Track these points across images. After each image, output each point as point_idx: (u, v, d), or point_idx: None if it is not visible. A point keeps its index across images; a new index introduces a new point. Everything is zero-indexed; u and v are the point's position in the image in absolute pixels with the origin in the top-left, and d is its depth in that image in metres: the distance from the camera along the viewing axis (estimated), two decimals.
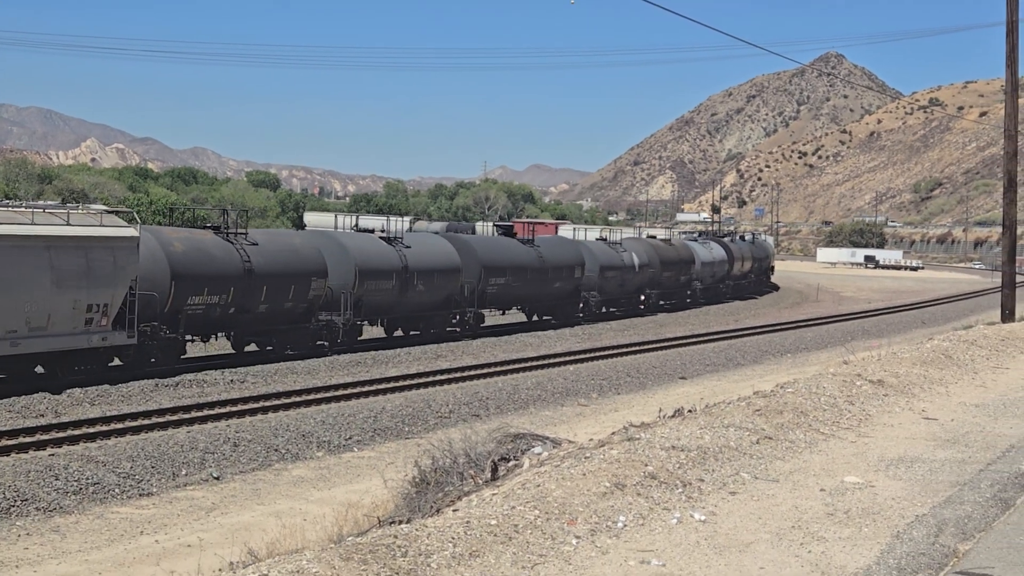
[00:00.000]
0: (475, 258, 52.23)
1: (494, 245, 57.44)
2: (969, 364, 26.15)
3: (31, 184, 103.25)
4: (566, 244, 64.32)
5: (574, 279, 61.02)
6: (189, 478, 23.45)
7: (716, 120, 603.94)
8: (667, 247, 75.94)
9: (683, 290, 78.59)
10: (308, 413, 29.98)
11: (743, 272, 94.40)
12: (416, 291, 47.70)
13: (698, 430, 15.20)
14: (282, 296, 40.34)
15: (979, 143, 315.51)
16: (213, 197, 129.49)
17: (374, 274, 45.15)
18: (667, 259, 73.60)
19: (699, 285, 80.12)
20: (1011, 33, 39.34)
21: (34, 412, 28.66)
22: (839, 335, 57.95)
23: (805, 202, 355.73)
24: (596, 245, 67.36)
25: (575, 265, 60.94)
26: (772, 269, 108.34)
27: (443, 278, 49.48)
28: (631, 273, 67.96)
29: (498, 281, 53.93)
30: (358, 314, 44.56)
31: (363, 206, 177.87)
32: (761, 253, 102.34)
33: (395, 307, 47.55)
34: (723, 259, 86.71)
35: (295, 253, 41.85)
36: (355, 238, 47.52)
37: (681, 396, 33.10)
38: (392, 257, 46.68)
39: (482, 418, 30.70)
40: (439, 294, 49.57)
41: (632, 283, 68.89)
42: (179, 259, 36.14)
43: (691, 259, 78.50)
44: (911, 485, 13.75)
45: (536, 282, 57.17)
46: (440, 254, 50.38)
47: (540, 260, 57.38)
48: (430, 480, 13.74)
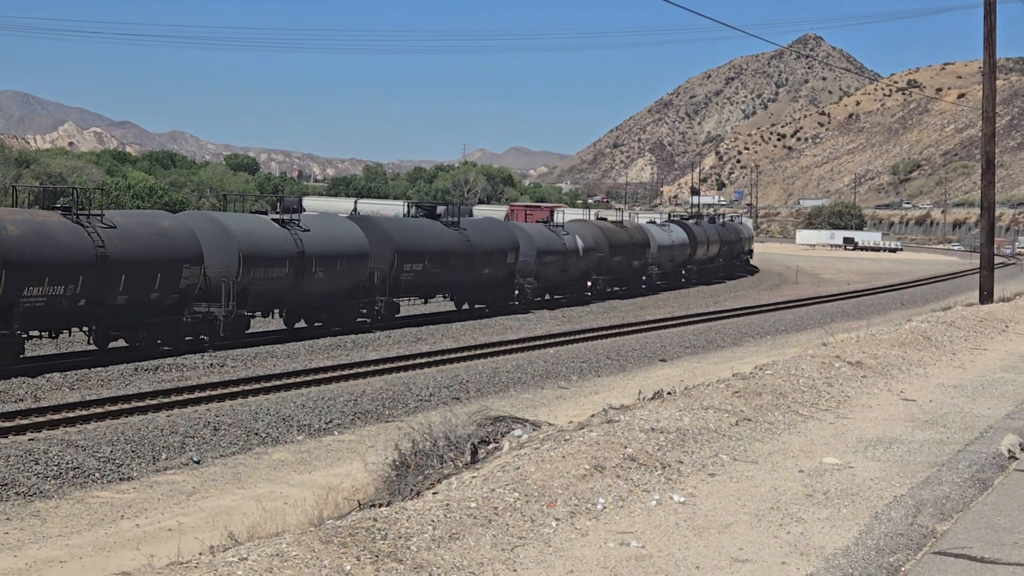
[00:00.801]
0: (387, 242, 47.89)
1: (411, 228, 52.86)
2: (947, 345, 26.25)
3: (8, 168, 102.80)
4: (497, 227, 60.04)
5: (506, 264, 56.68)
6: (169, 462, 23.44)
7: (695, 102, 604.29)
8: (618, 230, 71.78)
9: (637, 276, 74.75)
10: (288, 397, 29.97)
11: (709, 256, 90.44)
12: (315, 279, 43.32)
13: (677, 412, 15.23)
14: (146, 286, 35.95)
15: (957, 125, 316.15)
16: (192, 181, 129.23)
17: (263, 260, 40.63)
18: (617, 243, 69.63)
19: (656, 270, 76.52)
20: (989, 15, 39.42)
21: (13, 397, 28.61)
22: (818, 317, 58.11)
23: (784, 184, 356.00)
24: (533, 228, 63.33)
25: (507, 249, 56.61)
26: (751, 252, 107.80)
27: (348, 264, 45.15)
28: (574, 258, 63.60)
29: (415, 267, 49.59)
30: (243, 305, 40.03)
31: (342, 189, 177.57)
32: (732, 236, 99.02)
33: (290, 296, 43.36)
34: (684, 243, 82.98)
35: (162, 236, 37.24)
36: (240, 219, 42.86)
37: (661, 378, 33.19)
38: (285, 241, 42.23)
39: (462, 401, 30.73)
40: (344, 282, 45.26)
41: (576, 268, 64.49)
42: (12, 244, 31.82)
43: (646, 243, 74.53)
44: (889, 466, 13.80)
45: (462, 268, 52.95)
46: (344, 238, 45.97)
47: (466, 244, 53.17)
48: (410, 463, 13.75)
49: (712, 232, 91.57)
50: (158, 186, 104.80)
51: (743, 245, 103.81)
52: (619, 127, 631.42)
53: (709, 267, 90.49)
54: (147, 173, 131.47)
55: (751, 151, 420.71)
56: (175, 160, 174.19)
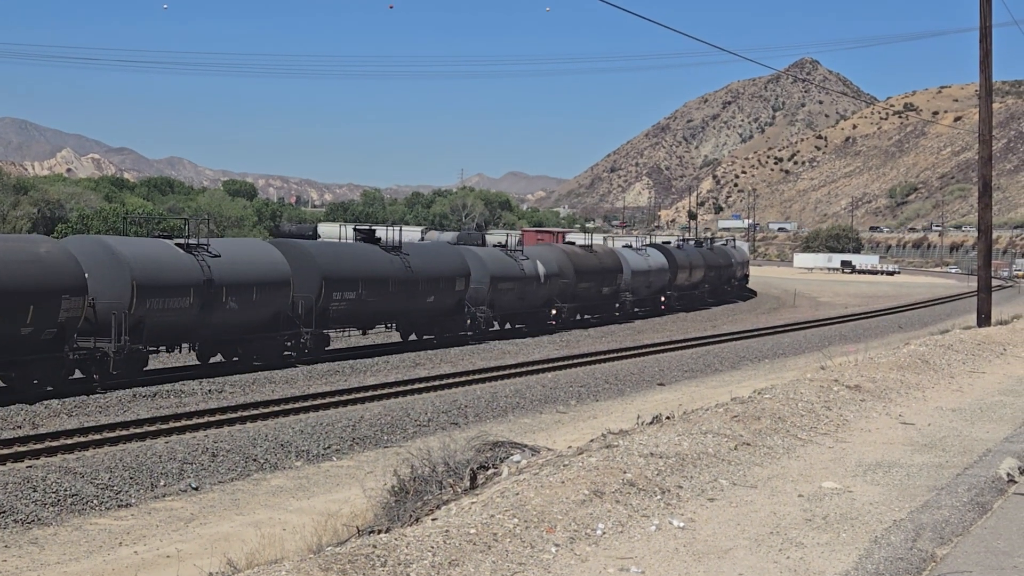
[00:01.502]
0: (313, 268, 43.94)
1: (342, 253, 48.48)
2: (946, 368, 26.24)
3: (7, 195, 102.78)
4: (444, 251, 55.67)
5: (455, 292, 52.80)
6: (168, 488, 23.41)
7: (692, 126, 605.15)
8: (585, 254, 67.70)
9: (609, 303, 71.18)
10: (287, 422, 29.95)
11: (692, 282, 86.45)
12: (227, 309, 39.21)
13: (676, 437, 15.22)
14: (14, 319, 31.80)
15: (954, 148, 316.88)
16: (189, 207, 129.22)
17: (161, 289, 36.50)
18: (584, 268, 65.81)
19: (629, 297, 72.70)
20: (985, 38, 39.51)
21: (11, 424, 28.59)
22: (816, 340, 58.14)
23: (781, 208, 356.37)
24: (488, 253, 58.59)
25: (456, 276, 52.71)
26: (746, 277, 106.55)
27: (266, 293, 41.04)
28: (533, 284, 59.65)
29: (346, 295, 45.43)
30: (138, 339, 35.69)
31: (340, 215, 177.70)
32: (721, 260, 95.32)
33: (198, 329, 39.02)
34: (662, 268, 78.94)
35: (36, 264, 32.88)
36: (134, 244, 38.53)
37: (659, 402, 33.17)
38: (189, 268, 38.00)
39: (461, 426, 30.73)
40: (262, 312, 41.08)
41: (537, 296, 60.50)
42: None
43: (617, 268, 70.66)
44: (889, 490, 13.79)
45: (402, 296, 48.95)
46: (262, 264, 41.79)
47: (407, 270, 49.16)
48: (409, 489, 13.73)
49: (696, 256, 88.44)
50: (156, 212, 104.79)
51: (734, 270, 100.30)
52: (616, 151, 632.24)
53: (693, 293, 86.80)
54: (145, 199, 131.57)
55: (748, 175, 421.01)
56: (173, 186, 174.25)
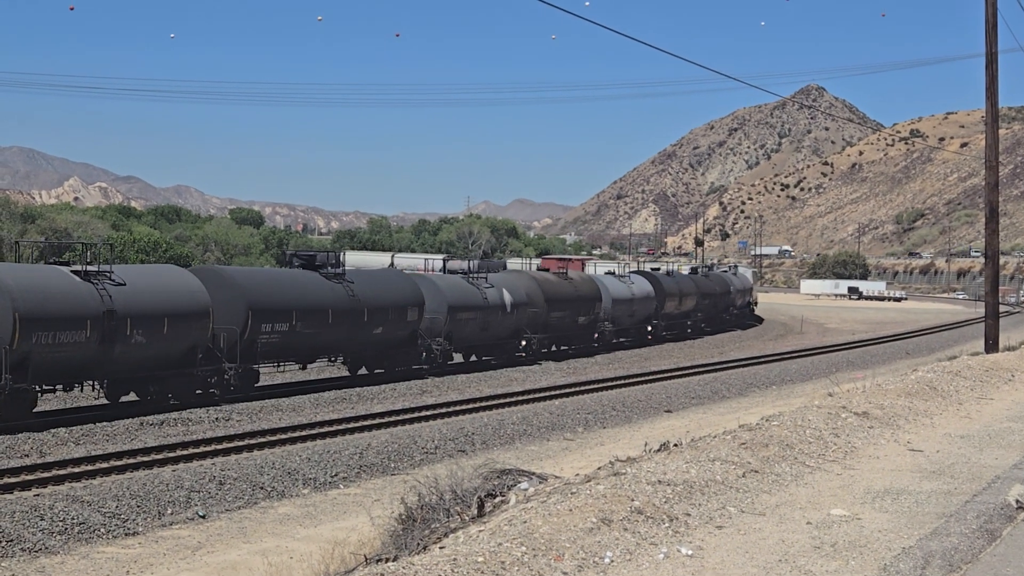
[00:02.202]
0: (238, 297, 39.94)
1: (273, 281, 44.10)
2: (954, 395, 26.19)
3: (14, 224, 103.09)
4: (395, 279, 50.97)
5: (407, 323, 48.71)
6: (175, 517, 23.39)
7: (698, 153, 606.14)
8: (559, 282, 63.98)
9: (587, 333, 67.20)
10: (294, 450, 29.93)
11: (683, 310, 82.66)
12: (132, 343, 34.90)
13: (684, 464, 15.20)
14: None
15: (960, 174, 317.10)
16: (196, 235, 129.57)
17: (50, 321, 32.50)
18: (557, 296, 62.14)
19: (609, 327, 68.71)
20: (991, 64, 39.58)
21: (18, 452, 28.59)
22: (824, 367, 58.06)
23: (788, 234, 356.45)
24: (446, 280, 54.53)
25: (408, 305, 48.68)
26: (749, 304, 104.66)
27: (180, 325, 36.81)
28: (498, 314, 55.88)
29: (279, 327, 41.28)
30: (23, 377, 31.83)
31: (346, 242, 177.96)
32: (717, 287, 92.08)
33: (97, 366, 34.74)
34: (647, 295, 75.12)
35: None
36: (20, 271, 33.98)
37: (667, 429, 33.12)
38: (85, 298, 33.73)
39: (468, 453, 30.68)
40: (175, 346, 36.96)
41: (503, 326, 56.81)
42: None
43: (595, 296, 66.81)
44: (897, 517, 13.76)
45: (346, 327, 44.85)
46: (175, 292, 37.51)
47: (351, 299, 45.15)
48: (416, 517, 13.72)
49: (687, 283, 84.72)
50: (163, 240, 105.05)
51: (733, 297, 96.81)
52: (623, 178, 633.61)
53: (683, 322, 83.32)
54: (152, 227, 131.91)
55: (755, 201, 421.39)
56: (180, 214, 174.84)
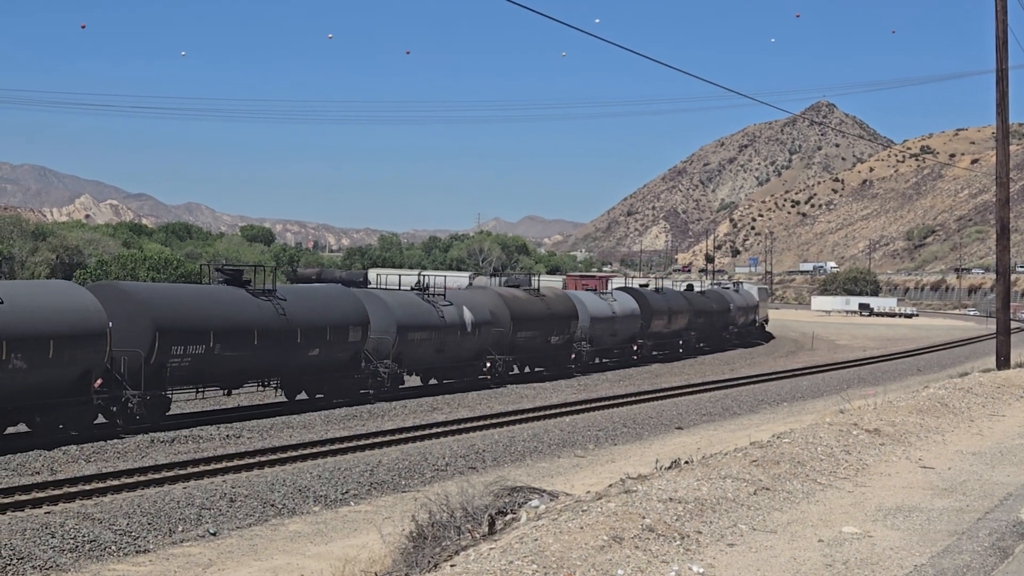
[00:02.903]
0: (142, 317, 35.70)
1: (186, 297, 38.98)
2: (965, 412, 26.14)
3: (26, 241, 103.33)
4: (335, 296, 45.80)
5: (348, 344, 44.26)
6: (186, 534, 23.37)
7: (709, 170, 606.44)
8: (528, 299, 59.41)
9: (561, 354, 62.36)
10: (305, 467, 29.91)
11: (673, 329, 78.16)
12: (9, 369, 30.80)
13: (695, 481, 15.18)
14: None
15: (971, 190, 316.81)
16: (207, 252, 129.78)
17: None
18: (525, 315, 57.63)
19: (587, 347, 64.42)
20: (1001, 81, 39.56)
21: (29, 470, 28.60)
22: (835, 383, 57.96)
23: (799, 250, 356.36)
24: (396, 297, 49.51)
25: (350, 324, 44.29)
26: (755, 321, 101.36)
27: (69, 348, 32.65)
28: (456, 334, 51.13)
29: (192, 350, 37.02)
30: None
31: (357, 259, 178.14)
32: (714, 305, 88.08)
33: None
34: (632, 314, 70.85)
35: None
36: None
37: (678, 446, 33.06)
38: None
39: (479, 471, 30.65)
40: (66, 371, 32.82)
41: (462, 347, 52.01)
42: None
43: (571, 314, 62.31)
44: (909, 535, 13.73)
45: (276, 349, 40.44)
46: (64, 312, 33.11)
47: (281, 319, 40.66)
48: (427, 535, 13.71)
49: (677, 301, 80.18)
50: (174, 258, 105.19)
51: (733, 316, 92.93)
52: (633, 195, 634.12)
53: (674, 341, 79.06)
54: (163, 245, 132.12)
55: (765, 218, 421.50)
56: (191, 232, 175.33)
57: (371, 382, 45.78)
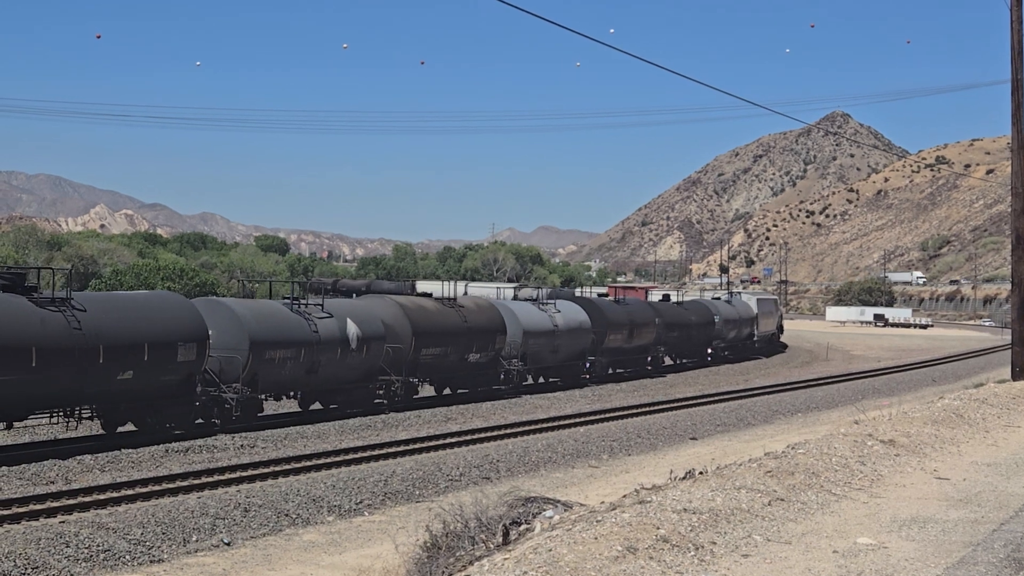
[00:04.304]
0: None
1: None
2: (980, 423, 26.07)
3: (41, 251, 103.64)
4: (158, 306, 36.95)
5: (176, 365, 35.74)
6: (200, 544, 23.40)
7: (723, 180, 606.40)
8: (437, 311, 50.16)
9: (484, 373, 53.02)
10: (318, 477, 29.93)
11: (636, 344, 68.22)
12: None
13: (710, 492, 15.16)
14: None
15: (986, 200, 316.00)
16: (222, 262, 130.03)
17: None
18: (431, 329, 48.49)
19: (519, 365, 54.78)
20: (1017, 91, 39.49)
21: (44, 479, 28.66)
22: (849, 394, 57.88)
23: (813, 261, 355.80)
24: (251, 308, 40.64)
25: (179, 341, 35.77)
26: (756, 334, 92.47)
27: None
28: (336, 351, 42.29)
29: None
30: None
31: (371, 269, 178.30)
32: (692, 317, 77.88)
33: None
34: (579, 326, 60.78)
35: None
36: None
37: (692, 457, 33.03)
38: None
39: (493, 481, 30.64)
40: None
41: (346, 366, 43.19)
42: None
43: (496, 328, 53.28)
44: (924, 546, 13.68)
45: (67, 372, 32.06)
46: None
47: (75, 334, 32.27)
48: (441, 545, 13.71)
49: (642, 312, 70.10)
50: (188, 267, 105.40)
51: (720, 329, 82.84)
52: (647, 205, 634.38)
53: (639, 358, 69.85)
54: (178, 255, 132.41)
55: (780, 228, 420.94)
56: (206, 241, 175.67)
57: (216, 412, 37.72)
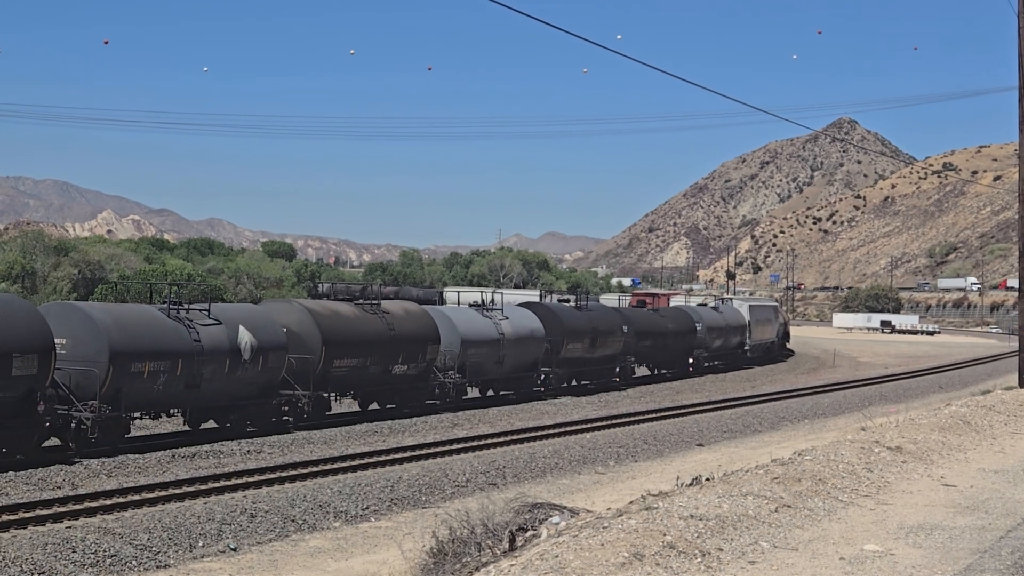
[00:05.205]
0: None
1: None
2: (987, 429, 26.06)
3: (48, 256, 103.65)
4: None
5: (12, 381, 30.25)
6: (206, 549, 23.40)
7: (730, 186, 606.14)
8: (356, 317, 44.72)
9: (415, 387, 47.15)
10: (325, 483, 29.91)
11: (600, 355, 61.73)
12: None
13: (716, 498, 15.15)
14: None
15: (994, 207, 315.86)
16: (229, 267, 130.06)
17: None
18: (347, 338, 43.11)
19: (455, 377, 48.80)
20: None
21: (51, 484, 28.67)
22: (856, 400, 57.80)
23: (820, 267, 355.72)
24: (115, 314, 34.82)
25: (14, 353, 30.16)
26: (747, 342, 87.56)
27: None
28: (224, 363, 37.04)
29: None
30: None
31: (378, 275, 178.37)
32: (672, 325, 72.77)
33: None
34: (531, 335, 54.62)
35: None
36: None
37: (698, 463, 33.00)
38: None
39: (499, 487, 30.62)
40: None
41: (236, 380, 37.80)
42: None
43: (428, 337, 47.41)
44: (931, 553, 13.67)
45: None
46: None
47: None
48: (448, 551, 13.71)
49: (607, 319, 63.44)
50: (195, 273, 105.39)
51: (703, 338, 77.15)
52: (654, 211, 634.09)
53: (604, 368, 63.30)
54: (185, 260, 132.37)
55: (787, 235, 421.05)
56: (213, 247, 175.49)
57: (69, 434, 32.30)
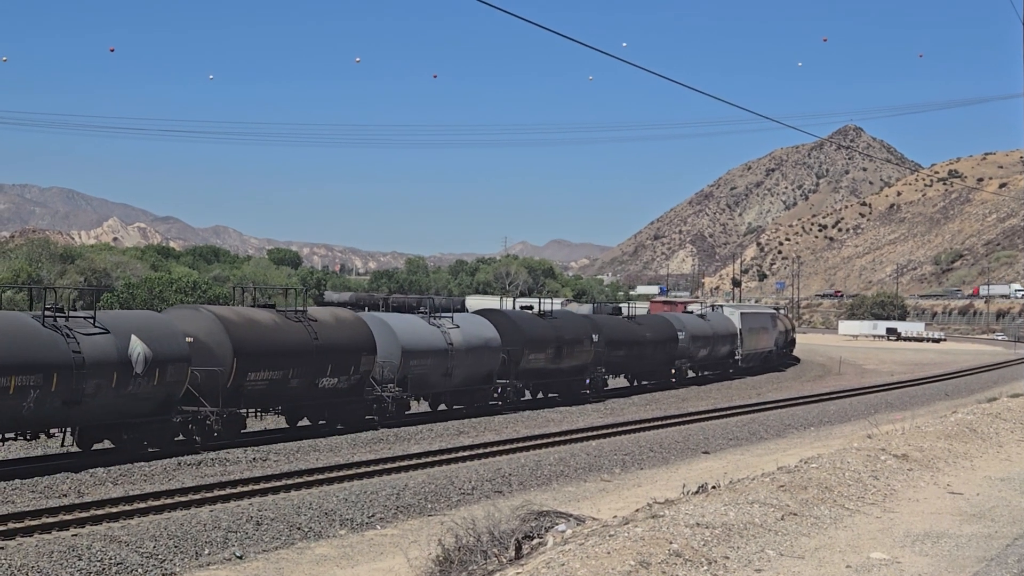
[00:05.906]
0: None
1: None
2: (994, 437, 26.02)
3: (54, 264, 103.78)
4: None
5: None
6: (212, 557, 23.39)
7: (736, 194, 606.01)
8: (277, 325, 40.16)
9: (349, 403, 43.30)
10: (331, 491, 29.90)
11: (567, 366, 58.09)
12: None
13: (722, 506, 15.13)
14: None
15: (999, 214, 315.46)
16: (235, 275, 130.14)
17: None
18: (268, 347, 38.81)
19: (393, 391, 44.76)
20: None
21: (57, 492, 28.68)
22: (862, 408, 57.74)
23: (826, 275, 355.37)
24: None
25: None
26: (738, 352, 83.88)
27: None
28: (112, 377, 32.63)
29: None
30: None
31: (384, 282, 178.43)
32: (649, 333, 69.02)
33: None
34: (485, 345, 51.12)
35: None
36: None
37: (704, 471, 32.97)
38: None
39: (505, 495, 30.59)
40: None
41: (129, 396, 33.54)
42: None
43: (362, 346, 43.42)
44: (937, 561, 13.65)
45: None
46: None
47: None
48: (454, 559, 13.70)
49: (575, 326, 59.97)
50: (201, 281, 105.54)
51: (685, 347, 73.35)
52: (660, 219, 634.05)
53: (573, 380, 59.66)
54: (191, 268, 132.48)
55: (792, 242, 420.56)
56: (218, 254, 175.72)
57: None
